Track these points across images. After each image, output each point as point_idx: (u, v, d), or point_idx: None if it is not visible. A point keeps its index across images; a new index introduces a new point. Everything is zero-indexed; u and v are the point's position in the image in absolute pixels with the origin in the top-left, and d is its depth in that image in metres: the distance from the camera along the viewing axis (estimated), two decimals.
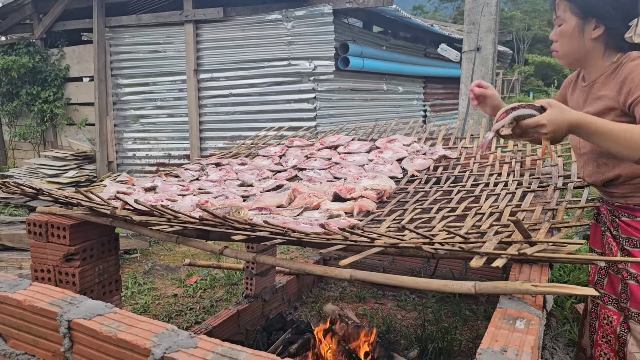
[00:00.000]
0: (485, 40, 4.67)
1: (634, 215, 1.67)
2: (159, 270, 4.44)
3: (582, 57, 1.69)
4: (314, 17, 6.34)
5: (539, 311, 1.16)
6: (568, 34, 1.66)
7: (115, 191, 2.25)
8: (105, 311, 1.17)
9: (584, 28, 1.62)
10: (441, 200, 2.14)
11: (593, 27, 1.61)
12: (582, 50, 1.66)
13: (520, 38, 41.48)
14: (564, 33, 1.67)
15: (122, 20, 7.36)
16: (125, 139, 7.77)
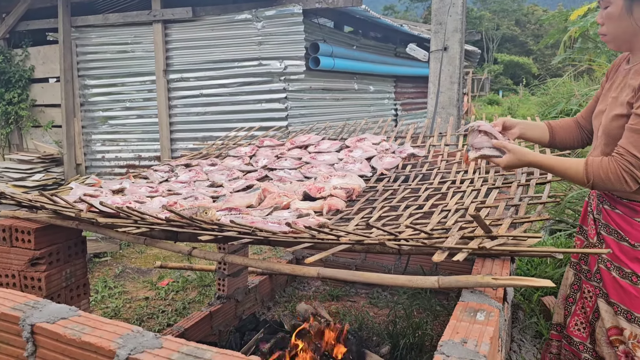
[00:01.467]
0: (452, 40, 4.75)
1: (614, 206, 1.73)
2: (130, 273, 4.39)
3: (630, 39, 1.62)
4: (284, 17, 6.34)
5: (499, 303, 1.19)
6: (615, 15, 1.59)
7: (82, 194, 2.22)
8: (69, 314, 1.16)
9: (633, 8, 1.56)
10: (409, 198, 2.18)
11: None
12: (630, 32, 1.60)
13: (490, 37, 42.21)
14: (611, 15, 1.60)
15: (89, 19, 7.23)
16: (93, 140, 7.63)
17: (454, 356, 0.96)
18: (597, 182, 1.58)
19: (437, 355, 0.97)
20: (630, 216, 1.66)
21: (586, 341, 1.91)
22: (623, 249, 1.68)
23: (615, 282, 1.70)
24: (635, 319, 1.66)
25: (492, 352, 1.04)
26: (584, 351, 1.91)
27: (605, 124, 1.68)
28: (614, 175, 1.54)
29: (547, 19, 9.45)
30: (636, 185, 1.54)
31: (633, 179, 1.53)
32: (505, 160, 1.69)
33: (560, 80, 9.81)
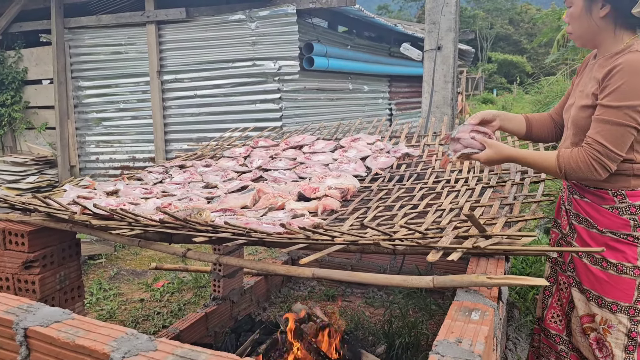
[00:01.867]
0: (446, 39, 4.75)
1: (583, 194, 1.80)
2: (125, 275, 4.38)
3: (594, 37, 1.71)
4: (277, 17, 6.33)
5: (494, 302, 1.19)
6: (577, 15, 1.69)
7: (76, 196, 2.21)
8: (63, 317, 1.16)
9: (591, 8, 1.66)
10: (404, 198, 2.18)
11: (600, 6, 1.64)
12: (592, 30, 1.69)
13: (483, 36, 42.29)
14: (574, 14, 1.71)
15: (82, 21, 7.19)
16: (87, 142, 7.60)
17: (449, 356, 0.96)
18: (569, 171, 1.66)
19: (432, 355, 0.97)
20: (598, 204, 1.74)
21: (562, 333, 1.97)
22: (593, 236, 1.76)
23: (587, 269, 1.77)
24: (606, 304, 1.73)
25: (487, 352, 1.04)
26: (560, 343, 1.97)
27: (574, 115, 1.77)
28: (583, 164, 1.62)
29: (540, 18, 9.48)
30: (606, 173, 1.62)
31: (602, 167, 1.60)
32: (484, 155, 1.76)
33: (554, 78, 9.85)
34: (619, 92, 1.56)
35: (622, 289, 1.70)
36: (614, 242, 1.70)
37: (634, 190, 1.67)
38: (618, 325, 1.71)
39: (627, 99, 1.55)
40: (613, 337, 1.73)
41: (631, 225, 1.67)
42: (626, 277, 1.69)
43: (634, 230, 1.67)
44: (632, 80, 1.55)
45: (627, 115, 1.56)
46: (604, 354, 1.77)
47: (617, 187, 1.69)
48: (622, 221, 1.69)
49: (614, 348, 1.73)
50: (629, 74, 1.55)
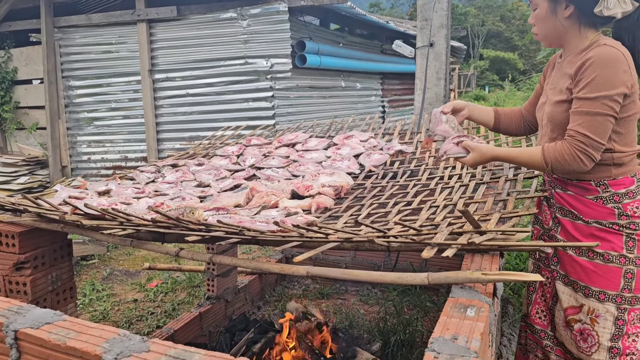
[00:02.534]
0: (438, 36, 4.75)
1: (565, 188, 1.84)
2: (118, 275, 4.35)
3: (560, 36, 1.79)
4: (269, 15, 6.31)
5: (489, 298, 1.19)
6: (542, 16, 1.77)
7: (67, 196, 2.19)
8: (54, 319, 1.14)
9: (556, 9, 1.73)
10: (397, 195, 2.17)
11: (564, 6, 1.71)
12: (558, 30, 1.76)
13: (475, 33, 42.39)
14: (539, 16, 1.78)
15: (72, 20, 7.14)
16: (79, 142, 7.55)
17: (445, 353, 0.95)
18: (555, 164, 1.69)
19: (427, 352, 0.96)
20: (581, 195, 1.78)
21: (547, 328, 1.99)
22: (578, 227, 1.79)
23: (573, 261, 1.80)
24: (593, 294, 1.76)
25: (483, 348, 1.04)
26: (545, 338, 1.99)
27: (549, 111, 1.82)
28: (569, 156, 1.65)
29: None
30: (591, 163, 1.66)
31: (587, 157, 1.64)
32: (470, 159, 1.85)
33: None
34: (593, 84, 1.62)
35: (609, 278, 1.73)
36: (599, 232, 1.74)
37: (616, 179, 1.73)
38: (605, 314, 1.74)
39: (603, 89, 1.61)
40: (600, 327, 1.75)
41: (615, 213, 1.72)
42: (612, 266, 1.72)
43: (619, 219, 1.71)
44: (605, 72, 1.61)
45: (604, 105, 1.62)
46: (588, 344, 1.79)
47: (599, 177, 1.74)
48: (607, 210, 1.73)
49: (600, 337, 1.75)
50: (600, 66, 1.61)
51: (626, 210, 1.71)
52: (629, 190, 1.72)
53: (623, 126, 1.70)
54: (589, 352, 1.79)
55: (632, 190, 1.73)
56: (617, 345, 1.74)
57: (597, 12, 1.66)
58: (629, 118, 1.70)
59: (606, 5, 1.65)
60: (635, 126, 1.75)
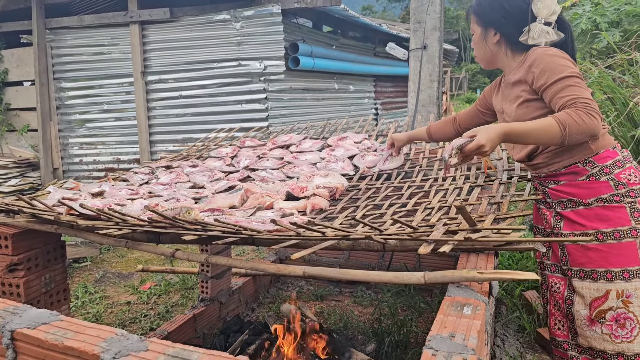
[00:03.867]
0: (431, 39, 4.78)
1: (557, 180, 1.88)
2: (110, 277, 4.32)
3: (492, 59, 1.99)
4: (262, 17, 6.32)
5: (485, 297, 1.20)
6: (477, 41, 1.99)
7: (60, 197, 2.18)
8: (50, 319, 1.13)
9: (486, 35, 1.95)
10: (392, 196, 2.18)
11: (493, 33, 1.92)
12: (489, 53, 1.97)
13: (467, 37, 42.55)
14: (475, 41, 2.01)
15: (64, 21, 7.11)
16: (70, 144, 7.50)
17: (443, 350, 0.96)
18: (573, 128, 1.63)
19: (425, 350, 0.97)
20: (574, 179, 1.83)
21: (568, 338, 1.95)
22: (581, 213, 1.81)
23: (586, 249, 1.79)
24: (616, 275, 1.74)
25: (480, 346, 1.05)
26: (569, 349, 1.95)
27: (515, 115, 1.90)
28: (585, 117, 1.64)
29: None
30: (600, 122, 1.68)
31: (597, 114, 1.67)
32: (483, 138, 1.66)
33: None
34: (552, 69, 1.73)
35: (626, 255, 1.73)
36: (604, 210, 1.76)
37: (598, 154, 1.79)
38: (636, 291, 1.72)
39: (563, 70, 1.71)
40: (635, 306, 1.72)
41: (612, 185, 1.76)
42: (626, 242, 1.73)
43: (617, 189, 1.75)
44: (553, 59, 1.74)
45: (575, 77, 1.71)
46: (628, 329, 1.74)
47: (583, 156, 1.80)
48: (603, 184, 1.77)
49: (639, 317, 1.72)
50: (547, 57, 1.75)
51: (620, 179, 1.75)
52: (616, 161, 1.78)
53: None
54: (630, 338, 1.73)
55: (618, 160, 1.78)
56: None
57: (523, 40, 1.85)
58: None
59: (531, 35, 1.83)
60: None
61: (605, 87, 3.38)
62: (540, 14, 1.82)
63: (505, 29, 1.88)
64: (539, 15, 1.82)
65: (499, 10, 1.88)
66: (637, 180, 1.76)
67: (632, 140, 2.98)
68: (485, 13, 1.92)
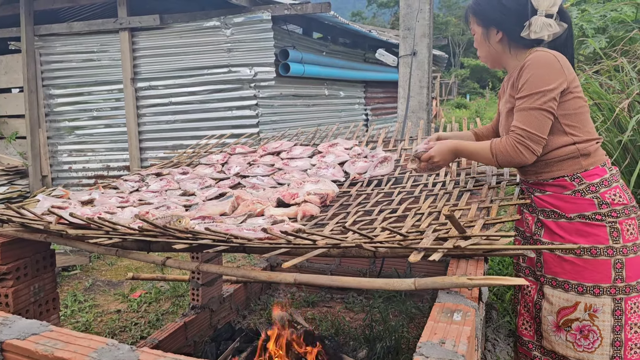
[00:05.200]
0: (421, 45, 4.81)
1: (544, 190, 1.89)
2: (100, 286, 4.29)
3: (497, 58, 1.96)
4: (253, 24, 6.33)
5: (475, 303, 1.21)
6: (479, 41, 1.97)
7: (50, 206, 2.16)
8: (40, 330, 1.13)
9: (488, 34, 1.92)
10: (383, 202, 2.19)
11: (495, 32, 1.90)
12: (493, 52, 1.95)
13: (456, 42, 42.94)
14: (477, 41, 1.98)
15: (53, 28, 7.07)
16: (60, 151, 7.45)
17: (433, 357, 0.97)
18: (500, 157, 1.81)
19: (416, 356, 0.98)
20: (560, 192, 1.84)
21: (533, 339, 2.00)
22: (562, 225, 1.83)
23: (562, 260, 1.82)
24: (587, 290, 1.78)
25: (470, 352, 1.06)
26: (533, 349, 2.00)
27: (504, 123, 1.94)
28: (510, 148, 1.77)
29: None
30: (531, 155, 1.77)
31: (527, 149, 1.75)
32: (433, 150, 1.97)
33: None
34: (529, 83, 1.75)
35: (600, 271, 1.76)
36: (584, 227, 1.78)
37: (588, 170, 1.80)
38: (603, 307, 1.76)
39: (536, 87, 1.73)
40: (600, 321, 1.77)
41: (595, 203, 1.77)
42: (601, 259, 1.76)
43: (600, 208, 1.77)
44: (538, 72, 1.74)
45: (538, 100, 1.73)
46: (590, 341, 1.79)
47: (572, 171, 1.81)
48: (587, 201, 1.78)
49: (602, 331, 1.76)
50: (534, 67, 1.75)
51: (605, 199, 1.77)
52: (604, 179, 1.79)
53: (575, 120, 1.79)
54: (591, 349, 1.78)
55: (606, 179, 1.79)
56: (619, 338, 1.76)
57: (525, 35, 1.82)
58: (578, 112, 1.79)
59: (533, 29, 1.80)
60: (589, 118, 1.84)
61: (592, 92, 3.42)
62: (540, 7, 1.80)
63: (507, 26, 1.86)
64: (539, 7, 1.80)
65: (498, 7, 1.86)
66: (620, 201, 1.78)
67: (619, 145, 3.01)
68: (484, 12, 1.91)
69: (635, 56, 3.64)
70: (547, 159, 1.84)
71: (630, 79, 3.34)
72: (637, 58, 3.59)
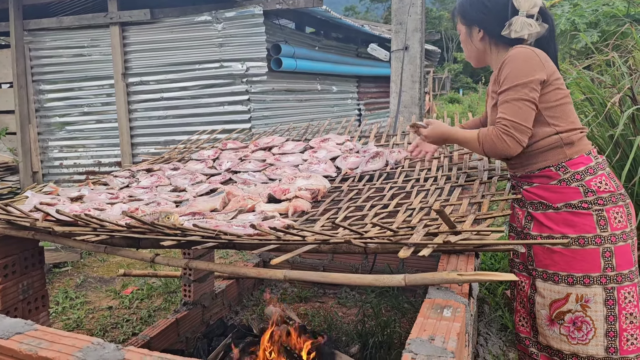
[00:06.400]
0: (413, 40, 4.80)
1: (531, 182, 1.91)
2: (92, 282, 4.27)
3: (480, 56, 2.02)
4: (244, 18, 6.29)
5: (465, 299, 1.20)
6: (463, 40, 2.04)
7: (38, 202, 2.14)
8: (25, 329, 1.11)
9: (471, 33, 1.98)
10: (374, 197, 2.18)
11: (477, 31, 1.96)
12: (475, 50, 2.00)
13: (449, 37, 42.93)
14: (462, 40, 2.05)
15: (42, 23, 7.00)
16: (50, 147, 7.39)
17: (422, 354, 0.96)
18: (487, 146, 1.83)
19: (405, 353, 0.97)
20: (546, 183, 1.85)
21: (530, 335, 2.01)
22: (550, 216, 1.84)
23: (550, 252, 1.84)
24: (577, 280, 1.79)
25: (460, 348, 1.05)
26: (530, 346, 2.01)
27: (490, 119, 1.96)
28: (496, 138, 1.78)
29: None
30: (517, 145, 1.77)
31: (512, 140, 1.76)
32: (426, 131, 2.05)
33: None
34: (509, 77, 1.78)
35: (588, 261, 1.77)
36: (571, 216, 1.79)
37: (572, 159, 1.81)
38: (594, 297, 1.76)
39: (517, 79, 1.76)
40: (592, 311, 1.77)
41: (581, 192, 1.78)
42: (590, 248, 1.77)
43: (585, 196, 1.78)
44: (517, 65, 1.77)
45: (520, 91, 1.75)
46: (584, 332, 1.79)
47: (556, 160, 1.83)
48: (572, 190, 1.80)
49: (595, 322, 1.77)
50: (514, 62, 1.78)
51: (590, 187, 1.78)
52: (589, 167, 1.80)
53: (558, 111, 1.82)
54: (585, 340, 1.79)
55: (591, 167, 1.81)
56: (614, 328, 1.76)
57: (505, 34, 1.86)
58: (559, 103, 1.82)
59: (513, 28, 1.84)
60: (572, 109, 1.87)
61: (583, 87, 3.42)
62: (521, 7, 1.83)
63: (488, 25, 1.91)
64: (520, 8, 1.83)
65: (479, 7, 1.91)
66: (607, 189, 1.78)
67: (610, 140, 3.01)
68: (467, 11, 1.96)
69: (627, 50, 3.65)
70: (532, 150, 1.85)
71: (621, 73, 3.34)
72: (628, 52, 3.59)
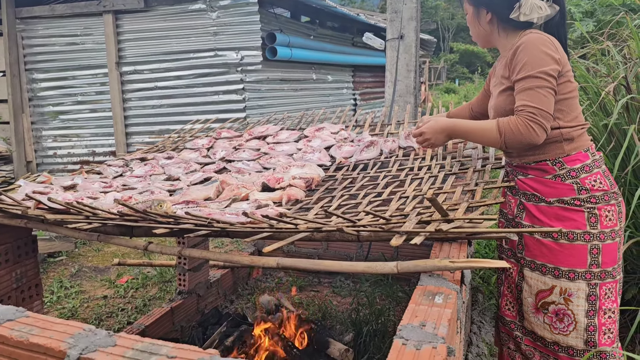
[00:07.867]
0: (408, 29, 4.77)
1: (526, 173, 1.91)
2: (87, 272, 4.27)
3: (487, 38, 1.97)
4: (239, 6, 6.24)
5: (457, 285, 1.21)
6: (470, 21, 1.99)
7: (31, 191, 2.13)
8: (16, 316, 1.11)
9: (479, 15, 1.93)
10: (368, 186, 2.18)
11: (485, 12, 1.90)
12: (483, 33, 1.96)
13: (445, 27, 42.80)
14: (469, 21, 2.00)
15: (35, 10, 6.93)
16: (44, 136, 7.35)
17: (413, 339, 0.96)
18: (509, 136, 1.73)
19: (396, 339, 0.97)
20: (541, 176, 1.85)
21: (516, 319, 2.04)
22: (542, 209, 1.85)
23: (540, 243, 1.85)
24: (563, 274, 1.81)
25: (451, 334, 1.05)
26: (515, 329, 2.04)
27: (494, 103, 1.93)
28: (522, 127, 1.70)
29: None
30: (543, 133, 1.70)
31: (540, 127, 1.69)
32: (425, 126, 1.95)
33: None
34: (528, 65, 1.72)
35: (575, 256, 1.78)
36: (562, 211, 1.80)
37: (569, 156, 1.80)
38: (577, 292, 1.79)
39: (537, 66, 1.71)
40: (574, 305, 1.80)
41: (575, 189, 1.78)
42: (578, 244, 1.78)
43: (579, 194, 1.78)
44: (535, 52, 1.72)
45: (541, 79, 1.70)
46: (565, 324, 1.83)
47: (554, 155, 1.82)
48: (566, 187, 1.80)
49: (576, 315, 1.80)
50: (530, 49, 1.73)
51: (584, 185, 1.78)
52: (585, 165, 1.80)
53: (564, 105, 1.79)
54: (566, 332, 1.82)
55: (587, 164, 1.80)
56: (593, 323, 1.79)
57: (514, 17, 1.81)
58: (567, 96, 1.79)
59: (522, 11, 1.79)
60: (577, 104, 1.84)
61: (578, 76, 3.42)
62: None
63: (496, 8, 1.86)
64: None
65: None
66: (600, 187, 1.79)
67: (604, 129, 3.02)
68: None
69: (622, 39, 3.64)
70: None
71: (616, 62, 3.34)
72: (623, 41, 3.59)
